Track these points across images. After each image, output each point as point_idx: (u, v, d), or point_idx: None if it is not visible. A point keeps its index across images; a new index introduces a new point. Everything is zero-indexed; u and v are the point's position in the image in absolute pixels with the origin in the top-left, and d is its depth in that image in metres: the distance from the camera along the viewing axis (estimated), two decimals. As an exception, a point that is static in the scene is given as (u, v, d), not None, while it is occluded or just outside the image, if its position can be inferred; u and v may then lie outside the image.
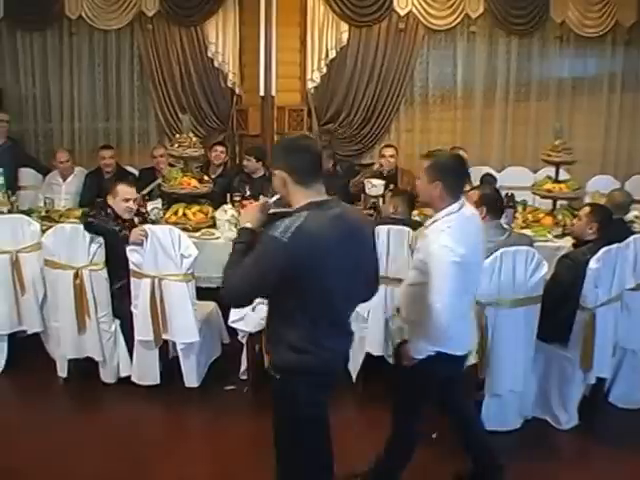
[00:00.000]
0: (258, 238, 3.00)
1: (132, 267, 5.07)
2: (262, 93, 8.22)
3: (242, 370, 5.36)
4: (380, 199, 6.52)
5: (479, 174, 7.75)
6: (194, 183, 6.26)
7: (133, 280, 5.11)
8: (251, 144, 8.25)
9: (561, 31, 8.71)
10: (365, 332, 5.09)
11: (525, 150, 9.00)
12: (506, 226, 5.00)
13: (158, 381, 5.25)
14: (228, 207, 6.19)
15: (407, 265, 4.57)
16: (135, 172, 7.99)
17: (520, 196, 6.81)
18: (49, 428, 4.84)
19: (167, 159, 7.39)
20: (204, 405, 5.15)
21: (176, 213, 6.17)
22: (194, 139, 6.46)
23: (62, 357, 5.41)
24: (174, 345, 5.27)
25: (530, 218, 6.35)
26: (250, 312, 4.85)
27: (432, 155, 3.63)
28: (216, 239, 5.85)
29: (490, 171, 8.17)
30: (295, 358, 3.03)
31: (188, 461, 4.44)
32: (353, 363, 5.20)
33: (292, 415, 3.16)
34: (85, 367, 5.39)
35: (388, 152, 7.42)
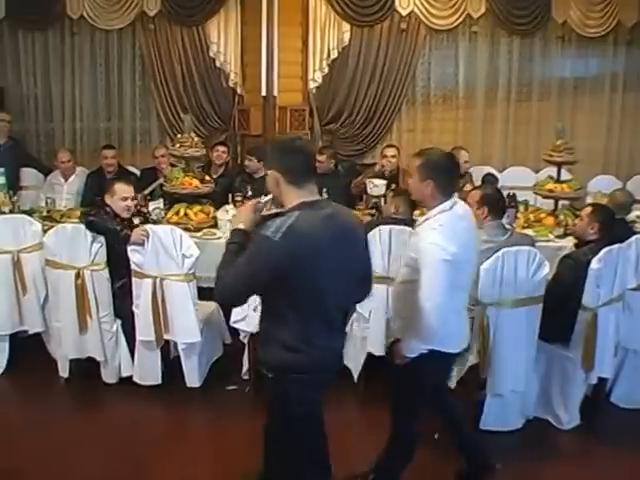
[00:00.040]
0: (250, 238, 3.03)
1: (133, 267, 5.07)
2: (264, 93, 8.22)
3: (244, 370, 5.36)
4: (382, 199, 6.52)
5: (481, 174, 7.78)
6: (196, 183, 6.26)
7: (135, 280, 5.10)
8: (253, 144, 8.23)
9: (563, 31, 8.72)
10: (367, 332, 5.08)
11: (527, 150, 9.00)
12: (508, 226, 5.00)
13: (160, 381, 5.25)
14: (230, 207, 6.20)
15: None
16: (137, 172, 7.99)
17: (522, 196, 6.79)
18: (50, 428, 4.84)
19: (168, 159, 7.39)
20: (206, 405, 5.15)
21: (178, 213, 6.17)
22: (196, 139, 6.45)
23: (63, 357, 5.40)
24: (175, 345, 5.26)
25: (532, 218, 6.34)
26: (252, 312, 4.82)
27: (423, 154, 3.64)
28: (218, 239, 5.83)
29: (492, 171, 8.18)
30: (287, 357, 3.05)
31: (190, 461, 4.44)
32: (354, 363, 5.21)
33: (285, 414, 3.19)
34: (86, 367, 5.39)
35: (390, 152, 7.41)
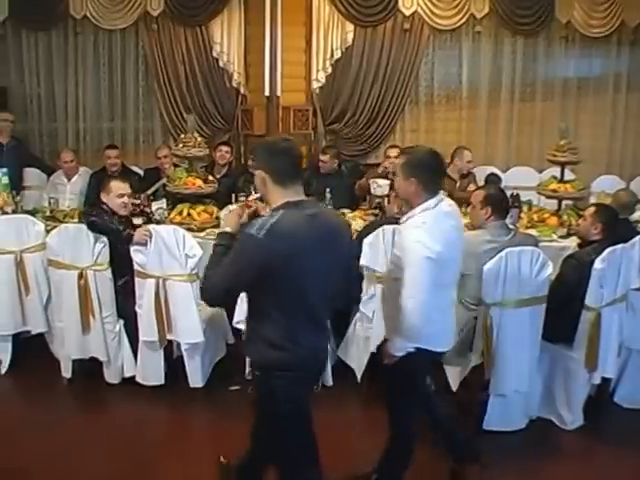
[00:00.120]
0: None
1: (136, 267, 5.07)
2: (267, 93, 8.24)
3: (247, 370, 5.34)
4: (385, 199, 6.51)
5: (484, 174, 7.79)
6: (199, 183, 6.27)
7: (137, 280, 5.10)
8: (256, 144, 8.19)
9: (566, 31, 8.70)
10: (370, 332, 5.06)
11: (530, 150, 8.99)
12: (511, 226, 4.99)
13: (162, 381, 5.25)
14: (233, 207, 6.18)
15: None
16: (140, 172, 8.00)
17: (525, 196, 6.79)
18: (53, 428, 4.84)
19: (171, 160, 7.40)
20: (209, 405, 5.15)
21: (181, 213, 6.17)
22: (199, 139, 6.45)
23: (66, 357, 5.40)
24: (178, 345, 5.27)
25: (535, 218, 6.33)
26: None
27: (407, 152, 3.65)
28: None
29: (495, 171, 8.18)
30: (273, 354, 3.10)
31: (193, 461, 4.44)
32: (358, 363, 5.20)
33: (272, 411, 3.24)
34: (89, 367, 5.39)
35: (393, 153, 7.39)
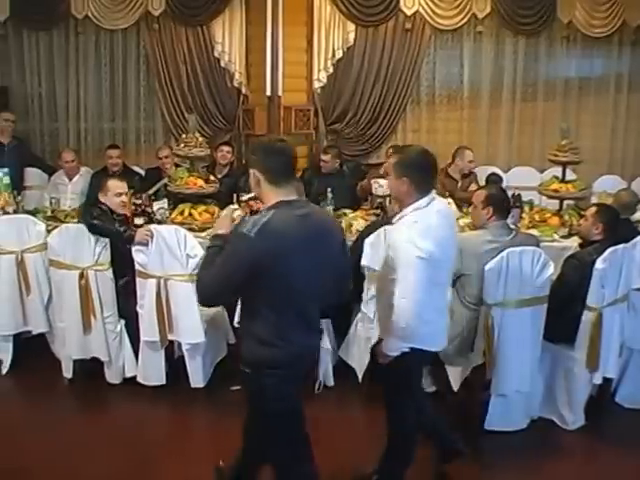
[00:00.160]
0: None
1: (138, 267, 5.06)
2: (268, 93, 8.22)
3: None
4: (387, 199, 6.50)
5: (486, 174, 7.79)
6: (200, 183, 6.26)
7: (139, 280, 5.10)
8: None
9: (568, 31, 8.71)
10: (371, 332, 5.02)
11: (532, 150, 8.99)
12: (512, 226, 4.98)
13: (164, 381, 5.24)
14: (234, 207, 6.16)
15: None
16: (141, 172, 8.00)
17: (527, 196, 6.79)
18: (54, 428, 4.84)
19: (172, 160, 7.41)
20: (210, 405, 5.14)
21: (182, 213, 6.16)
22: (200, 139, 6.45)
23: (67, 357, 5.40)
24: (180, 345, 5.27)
25: (537, 218, 6.32)
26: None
27: (399, 152, 3.65)
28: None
29: (496, 171, 8.18)
30: (263, 352, 3.11)
31: (194, 461, 4.43)
32: (359, 363, 5.19)
33: (262, 408, 3.26)
34: (90, 367, 5.38)
35: (395, 153, 7.40)
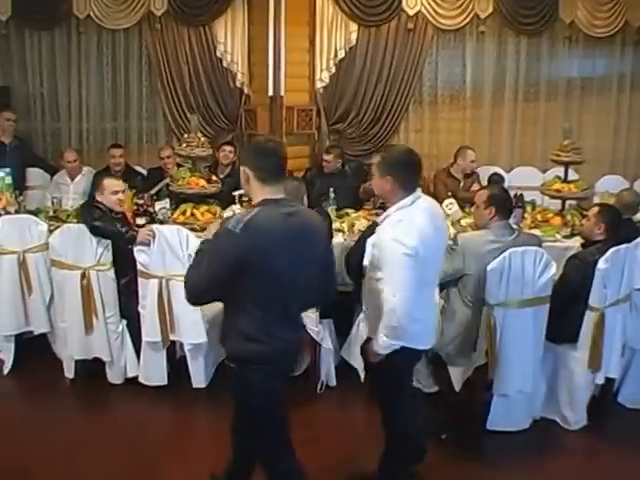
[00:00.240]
0: None
1: (139, 267, 5.07)
2: (271, 93, 8.21)
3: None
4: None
5: (488, 174, 7.79)
6: (202, 183, 6.26)
7: (141, 280, 5.11)
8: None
9: (570, 31, 8.68)
10: (373, 332, 5.06)
11: (534, 150, 8.97)
12: (515, 226, 4.97)
13: (165, 382, 5.25)
14: (236, 207, 6.18)
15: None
16: (143, 172, 8.00)
17: (529, 196, 6.79)
18: (56, 428, 4.84)
19: (174, 160, 7.41)
20: (211, 406, 5.14)
21: (184, 213, 6.16)
22: (202, 139, 6.44)
23: (69, 357, 5.41)
24: (181, 345, 5.27)
25: (539, 218, 6.32)
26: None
27: (383, 151, 3.66)
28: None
29: (499, 171, 8.17)
30: (248, 347, 3.15)
31: (195, 461, 4.43)
32: (361, 363, 5.18)
33: (248, 404, 3.29)
34: (92, 368, 5.39)
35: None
